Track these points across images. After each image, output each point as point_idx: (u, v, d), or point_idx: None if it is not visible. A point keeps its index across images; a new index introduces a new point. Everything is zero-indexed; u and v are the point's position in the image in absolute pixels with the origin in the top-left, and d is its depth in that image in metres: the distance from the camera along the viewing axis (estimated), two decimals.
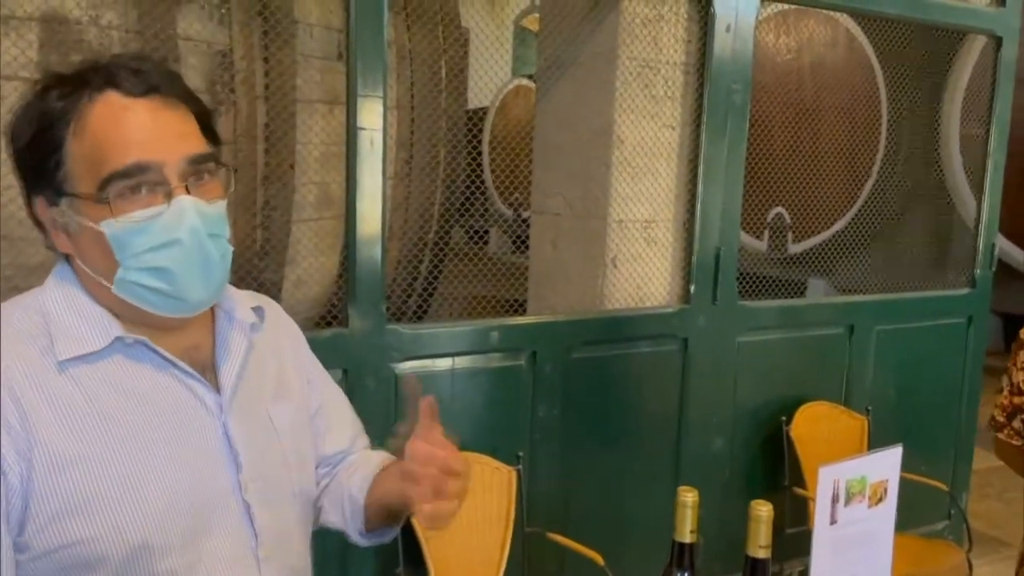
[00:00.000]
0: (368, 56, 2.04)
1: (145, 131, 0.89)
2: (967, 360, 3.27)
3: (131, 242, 0.90)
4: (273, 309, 1.14)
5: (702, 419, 2.71)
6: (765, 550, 1.06)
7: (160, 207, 0.90)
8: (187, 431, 0.96)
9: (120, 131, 0.89)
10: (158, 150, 0.89)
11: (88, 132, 0.89)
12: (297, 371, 1.14)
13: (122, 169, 0.88)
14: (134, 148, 0.88)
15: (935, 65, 3.43)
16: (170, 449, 0.94)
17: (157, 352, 0.95)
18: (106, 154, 0.88)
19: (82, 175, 0.89)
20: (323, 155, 2.25)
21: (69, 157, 0.89)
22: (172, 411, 0.95)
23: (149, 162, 0.89)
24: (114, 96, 0.90)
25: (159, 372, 0.96)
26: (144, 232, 0.89)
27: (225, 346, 1.03)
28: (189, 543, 0.93)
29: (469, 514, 2.25)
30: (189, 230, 0.90)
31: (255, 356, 1.06)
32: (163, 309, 0.94)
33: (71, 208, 0.91)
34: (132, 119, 0.89)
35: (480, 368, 2.34)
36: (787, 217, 5.71)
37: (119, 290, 0.93)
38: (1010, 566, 3.32)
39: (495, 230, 6.71)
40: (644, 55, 2.56)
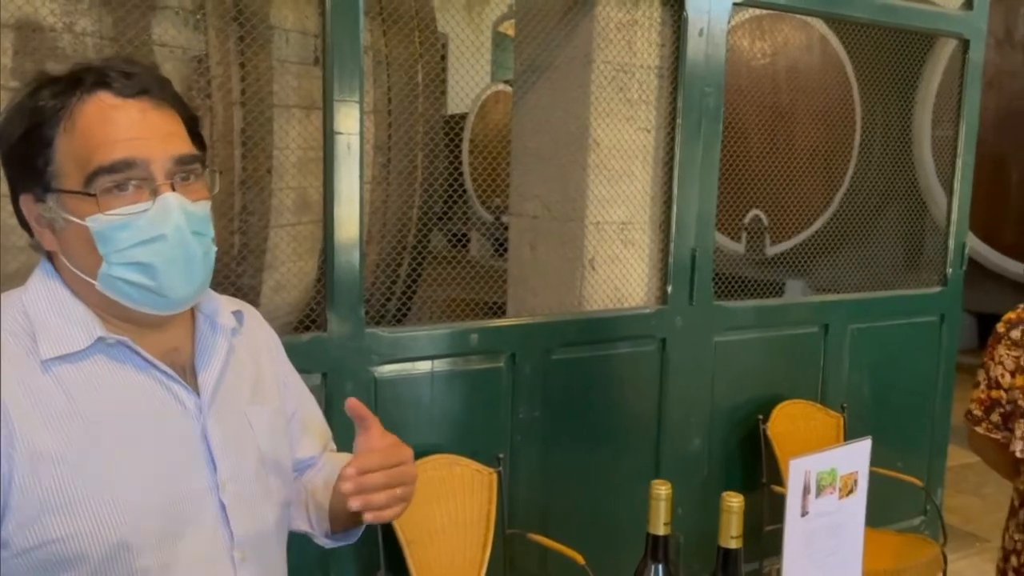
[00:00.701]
0: (344, 61, 2.06)
1: (134, 129, 0.91)
2: (940, 357, 3.33)
3: (115, 237, 0.91)
4: (251, 314, 1.15)
5: (681, 418, 2.73)
6: (737, 540, 1.08)
7: (146, 203, 0.91)
8: (166, 432, 0.97)
9: (109, 128, 0.90)
10: (146, 148, 0.91)
11: (78, 129, 0.90)
12: (274, 375, 1.16)
13: (109, 164, 0.89)
14: (122, 145, 0.90)
15: (907, 69, 3.49)
16: (149, 449, 0.95)
17: (138, 353, 0.96)
18: (94, 150, 0.90)
19: (70, 171, 0.91)
20: (300, 160, 2.26)
21: (58, 153, 0.91)
22: (152, 412, 0.96)
23: (136, 158, 0.90)
24: (106, 96, 0.91)
25: (140, 373, 0.96)
26: (129, 227, 0.91)
27: (205, 349, 1.04)
28: (166, 542, 0.94)
29: (450, 516, 2.26)
30: (174, 226, 0.92)
31: (234, 359, 1.07)
32: (145, 305, 0.95)
33: (57, 204, 0.92)
34: (122, 117, 0.91)
35: (460, 371, 2.35)
36: (764, 219, 5.77)
37: (103, 285, 0.94)
38: (985, 559, 3.38)
39: (476, 234, 6.72)
40: (619, 59, 2.59)
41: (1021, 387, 1.69)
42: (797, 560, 1.23)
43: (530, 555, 2.47)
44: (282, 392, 1.16)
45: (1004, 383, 1.71)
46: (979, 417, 1.77)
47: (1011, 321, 1.74)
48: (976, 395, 1.79)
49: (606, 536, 2.55)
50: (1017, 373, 1.69)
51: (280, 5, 2.20)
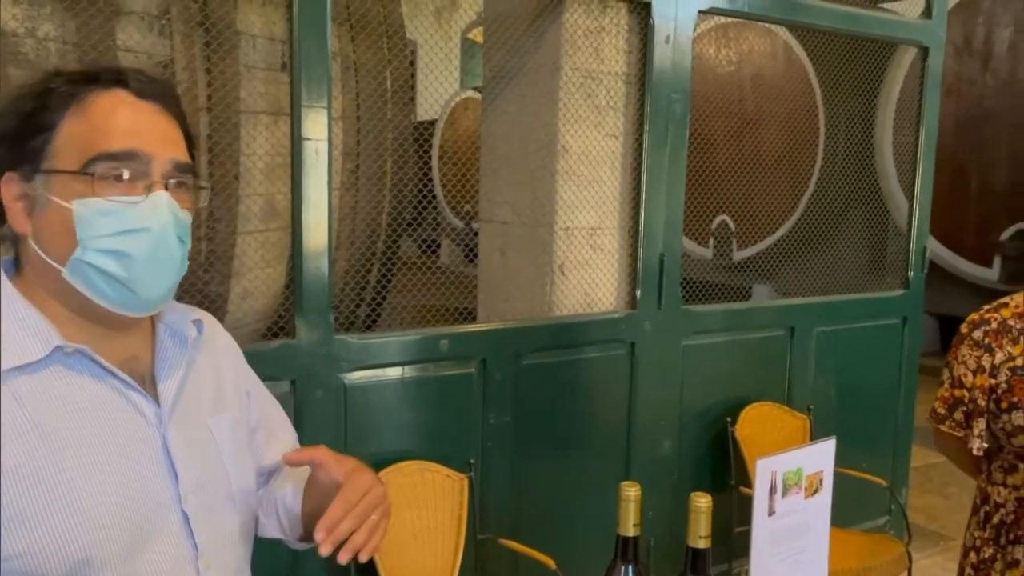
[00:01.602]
0: (312, 67, 2.05)
1: (143, 126, 0.94)
2: (903, 359, 3.39)
3: (97, 223, 0.91)
4: (211, 322, 1.14)
5: (650, 422, 2.75)
6: (705, 540, 1.09)
7: (138, 197, 0.93)
8: (126, 443, 0.95)
9: (120, 120, 0.93)
10: (150, 145, 0.94)
11: (88, 114, 0.93)
12: (235, 384, 1.15)
13: (113, 151, 0.92)
14: (130, 137, 0.93)
15: (869, 76, 3.56)
16: (109, 461, 0.93)
17: (97, 362, 0.95)
18: (100, 136, 0.92)
19: (69, 152, 0.92)
20: (268, 166, 2.24)
21: (60, 134, 0.93)
22: (111, 423, 0.95)
23: (140, 151, 0.93)
24: (121, 92, 0.95)
25: (98, 383, 0.95)
26: (115, 215, 0.92)
27: (165, 358, 1.03)
28: (129, 556, 0.93)
29: (421, 522, 2.25)
30: (160, 223, 0.94)
31: (195, 369, 1.06)
32: (110, 300, 0.94)
33: (45, 184, 0.93)
34: (133, 113, 0.94)
35: (430, 376, 2.35)
36: (731, 225, 5.84)
37: (71, 272, 0.93)
38: (948, 558, 3.44)
39: (446, 241, 6.72)
40: (586, 66, 2.61)
41: (981, 387, 1.73)
42: (765, 560, 1.25)
43: (501, 560, 2.47)
44: (244, 401, 1.16)
45: (967, 382, 1.75)
46: (943, 415, 1.80)
47: (974, 322, 1.79)
48: (940, 394, 1.83)
49: (577, 540, 2.56)
50: (978, 373, 1.73)
51: (247, 11, 2.19)
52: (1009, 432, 1.67)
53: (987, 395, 1.71)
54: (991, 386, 1.71)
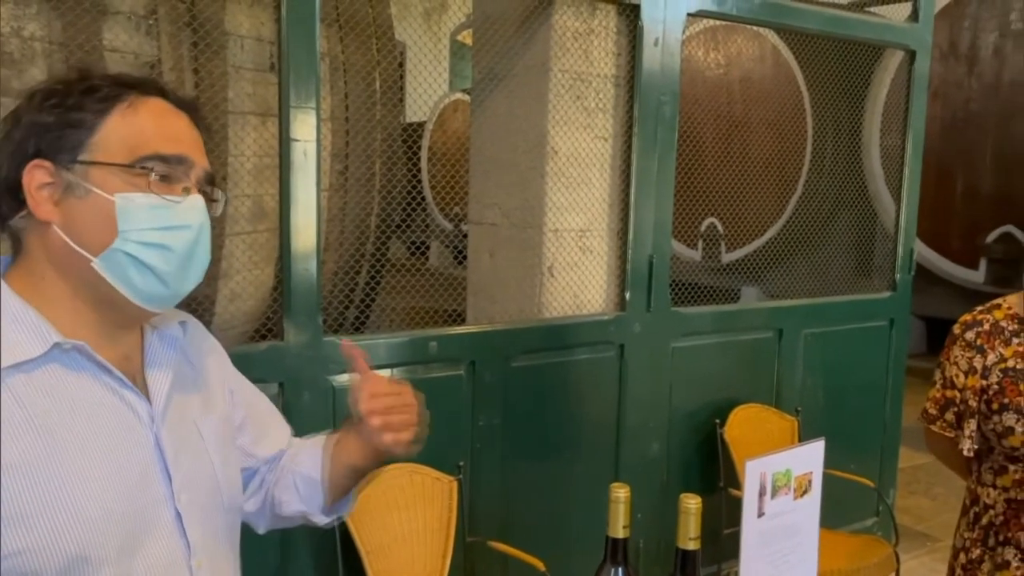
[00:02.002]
0: (301, 68, 2.04)
1: (186, 135, 1.01)
2: (890, 361, 3.41)
3: (141, 216, 0.95)
4: (195, 324, 1.16)
5: (639, 423, 2.76)
6: (695, 542, 1.09)
7: (179, 197, 0.98)
8: (121, 441, 0.96)
9: (170, 126, 1.00)
10: (194, 153, 1.01)
11: (140, 115, 0.98)
12: (220, 384, 1.16)
13: (168, 154, 0.97)
14: (180, 143, 0.99)
15: (856, 80, 3.58)
16: (105, 459, 0.94)
17: (94, 359, 0.95)
18: (150, 138, 0.97)
19: (115, 149, 0.95)
20: (256, 167, 2.23)
21: (107, 128, 0.96)
22: (107, 421, 0.95)
23: (186, 157, 0.99)
24: (163, 102, 1.01)
25: (95, 380, 0.96)
26: (160, 211, 0.96)
27: (155, 358, 1.04)
28: (123, 554, 0.93)
29: (410, 525, 2.24)
30: (200, 222, 0.99)
31: (182, 370, 1.08)
32: (139, 291, 0.96)
33: (82, 175, 0.95)
34: (179, 122, 1.01)
35: (419, 378, 2.34)
36: (720, 227, 5.86)
37: (104, 263, 0.94)
38: (936, 559, 3.46)
39: (435, 243, 6.71)
40: (576, 68, 2.61)
41: (972, 387, 1.73)
42: (754, 561, 1.25)
43: (490, 563, 2.46)
44: (228, 400, 1.17)
45: (958, 383, 1.76)
46: (934, 416, 1.81)
47: (966, 323, 1.80)
48: (932, 394, 1.83)
49: (566, 542, 2.55)
50: (970, 374, 1.74)
51: (235, 11, 2.18)
52: (1000, 433, 1.68)
53: (978, 396, 1.72)
54: (982, 387, 1.72)
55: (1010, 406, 1.67)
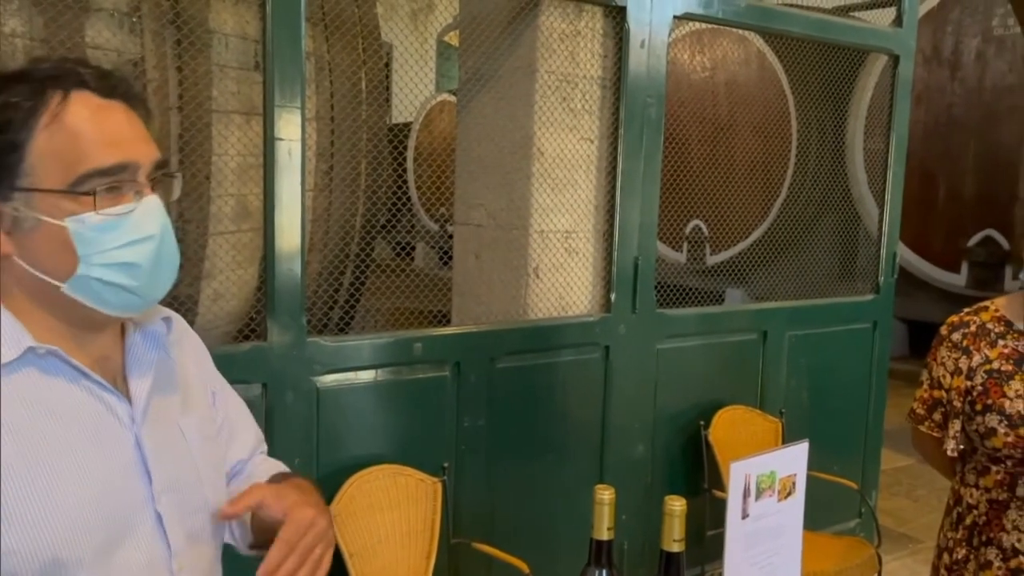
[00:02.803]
0: (285, 66, 2.03)
1: (123, 132, 0.92)
2: (873, 363, 3.43)
3: (99, 239, 0.90)
4: (179, 321, 1.14)
5: (624, 425, 2.76)
6: (679, 544, 1.09)
7: (131, 205, 0.92)
8: (99, 443, 0.94)
9: (100, 130, 0.90)
10: (135, 151, 0.92)
11: (64, 128, 0.89)
12: (202, 383, 1.14)
13: (105, 167, 0.90)
14: (116, 148, 0.91)
15: (840, 84, 3.60)
16: (82, 462, 0.92)
17: (69, 363, 0.94)
18: (85, 151, 0.89)
19: (50, 170, 0.89)
20: (240, 166, 2.21)
21: (34, 152, 0.89)
22: (84, 423, 0.93)
23: (129, 163, 0.91)
24: (89, 95, 0.91)
25: (71, 384, 0.94)
26: (116, 228, 0.91)
27: (137, 358, 1.02)
28: (102, 557, 0.92)
29: (394, 526, 2.23)
30: (160, 226, 0.94)
31: (165, 368, 1.05)
32: (114, 306, 0.94)
33: (27, 204, 0.89)
34: (111, 119, 0.91)
35: (404, 380, 2.33)
36: (705, 229, 5.89)
37: (73, 288, 0.91)
38: (917, 561, 3.48)
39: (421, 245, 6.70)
40: (562, 69, 2.61)
41: (957, 388, 1.75)
42: (738, 562, 1.25)
43: (475, 564, 2.45)
44: (210, 401, 1.15)
45: (945, 384, 1.77)
46: (922, 416, 1.82)
47: (954, 324, 1.81)
48: (919, 394, 1.85)
49: (551, 544, 2.55)
50: (955, 375, 1.75)
51: (219, 9, 2.17)
52: (983, 434, 1.69)
53: (963, 397, 1.73)
54: (967, 388, 1.73)
55: (993, 407, 1.68)
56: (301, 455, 2.16)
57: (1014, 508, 1.68)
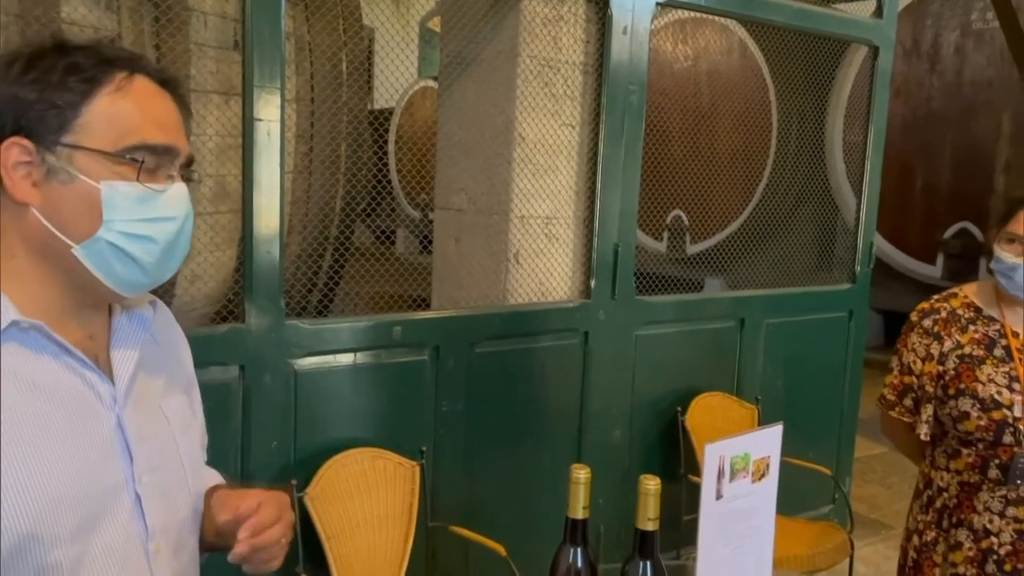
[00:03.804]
0: (265, 46, 2.01)
1: (171, 119, 0.97)
2: (849, 351, 3.47)
3: (127, 207, 0.93)
4: (164, 308, 1.14)
5: (602, 411, 2.77)
6: (654, 523, 1.10)
7: (163, 186, 0.96)
8: (80, 421, 0.94)
9: (158, 111, 0.95)
10: (179, 140, 0.97)
11: (128, 99, 0.93)
12: (183, 371, 1.15)
13: (158, 145, 0.94)
14: (167, 131, 0.96)
15: (821, 75, 3.62)
16: (62, 439, 0.92)
17: (53, 339, 0.93)
18: (141, 125, 0.93)
19: (102, 133, 0.92)
20: (219, 147, 2.20)
21: (93, 110, 0.92)
22: (66, 401, 0.93)
23: (174, 147, 0.96)
24: (149, 81, 0.96)
25: (54, 361, 0.93)
26: (146, 202, 0.94)
27: (122, 337, 1.02)
28: (78, 535, 0.91)
29: (372, 510, 2.23)
30: (185, 212, 0.98)
31: (150, 350, 1.05)
32: (119, 279, 0.95)
33: (67, 159, 0.91)
34: (165, 105, 0.97)
35: (383, 363, 2.33)
36: (685, 219, 5.91)
37: (86, 251, 0.92)
38: (889, 546, 3.53)
39: (402, 231, 6.68)
40: (544, 54, 2.61)
41: (929, 373, 1.77)
42: (712, 542, 1.26)
43: (452, 548, 2.46)
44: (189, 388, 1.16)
45: (916, 369, 1.80)
46: (893, 402, 1.85)
47: (924, 311, 1.84)
48: (890, 380, 1.87)
49: (528, 527, 2.56)
50: (927, 360, 1.78)
51: None
52: (955, 418, 1.72)
53: (935, 382, 1.76)
54: (939, 373, 1.76)
55: (966, 391, 1.71)
56: (279, 438, 2.15)
57: (985, 490, 1.71)
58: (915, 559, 1.85)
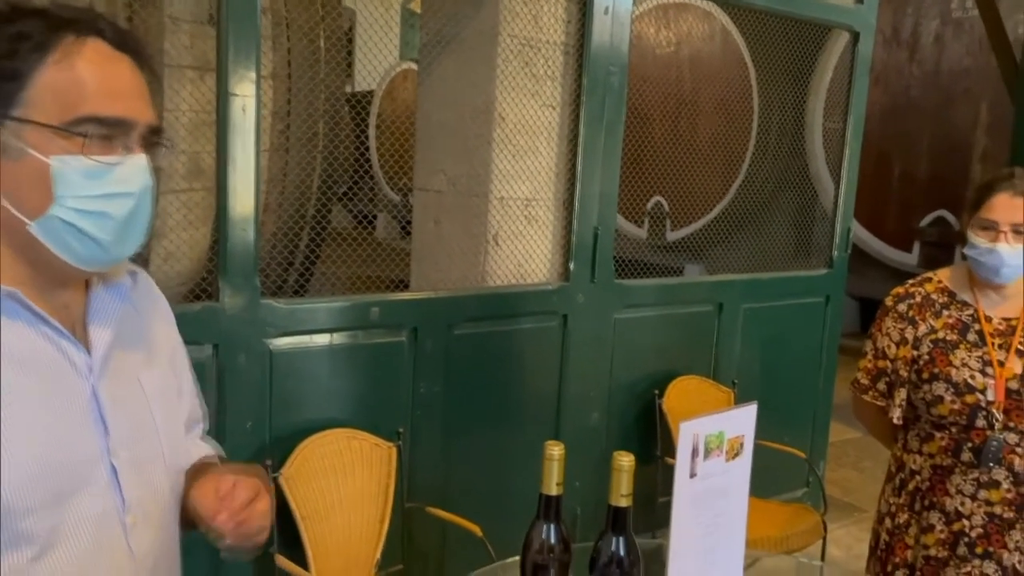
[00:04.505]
0: (241, 21, 1.98)
1: (129, 88, 0.92)
2: (825, 336, 3.49)
3: (79, 182, 0.89)
4: (145, 278, 1.13)
5: (580, 393, 2.78)
6: (627, 499, 1.10)
7: (118, 158, 0.92)
8: (55, 391, 0.93)
9: (109, 79, 0.91)
10: (136, 110, 0.92)
11: (73, 68, 0.89)
12: (167, 341, 1.13)
13: (106, 116, 0.90)
14: (120, 101, 0.91)
15: (802, 62, 3.63)
16: (37, 409, 0.90)
17: (29, 308, 0.92)
18: (87, 95, 0.89)
19: (49, 105, 0.88)
20: (193, 123, 2.16)
21: (37, 84, 0.88)
22: (41, 370, 0.92)
23: (129, 119, 0.92)
24: (102, 44, 0.91)
25: (29, 329, 0.92)
26: (97, 176, 0.90)
27: (99, 308, 1.00)
28: (53, 506, 0.91)
29: (348, 490, 2.22)
30: (141, 186, 0.93)
31: (128, 322, 1.04)
32: (78, 256, 0.92)
33: (14, 133, 0.89)
34: (119, 72, 0.92)
35: (360, 344, 2.32)
36: (666, 205, 5.92)
37: (40, 228, 0.90)
38: (862, 528, 3.58)
39: (383, 215, 6.64)
40: (525, 34, 2.58)
41: (903, 358, 1.78)
42: (686, 521, 1.27)
43: (428, 528, 2.46)
44: (173, 361, 1.14)
45: (890, 354, 1.81)
46: (866, 386, 1.86)
47: (899, 295, 1.85)
48: (864, 364, 1.88)
49: (504, 508, 2.56)
50: (901, 344, 1.79)
51: None
52: (929, 402, 1.73)
53: (909, 366, 1.77)
54: (913, 357, 1.77)
55: (940, 376, 1.72)
56: (253, 418, 2.13)
57: (958, 473, 1.73)
58: (887, 541, 1.87)
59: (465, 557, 2.13)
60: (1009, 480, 1.69)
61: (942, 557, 1.75)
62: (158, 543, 1.03)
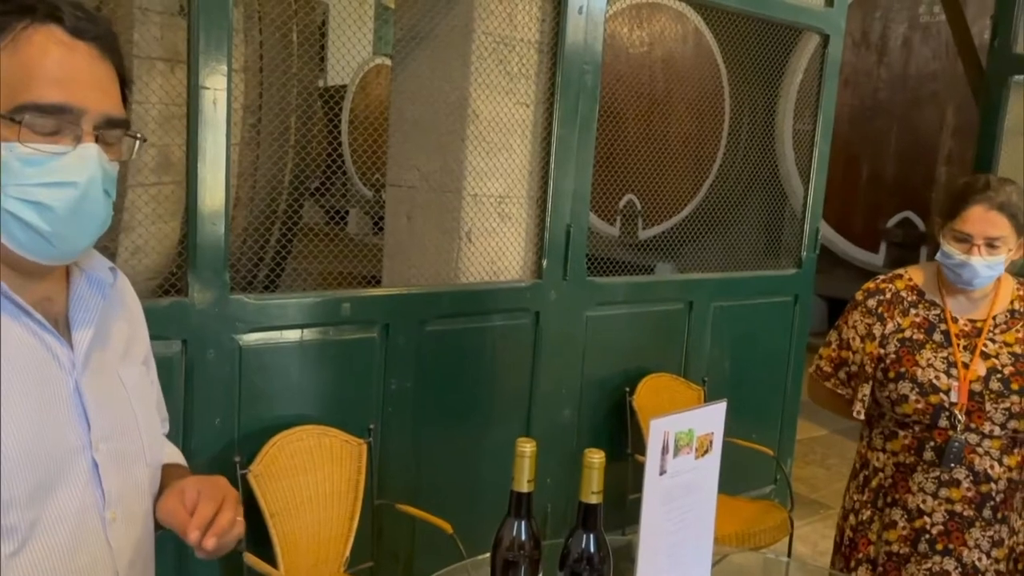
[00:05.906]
0: (212, 12, 1.95)
1: (77, 74, 0.89)
2: (793, 335, 3.54)
3: (21, 171, 0.87)
4: (124, 278, 1.12)
5: (552, 390, 2.78)
6: (597, 496, 1.11)
7: (66, 147, 0.89)
8: (37, 384, 0.92)
9: (53, 66, 0.88)
10: (83, 97, 0.89)
11: (20, 54, 0.87)
12: (141, 344, 1.13)
13: (43, 103, 0.87)
14: (62, 88, 0.88)
15: (772, 64, 3.67)
16: (18, 401, 0.90)
17: (12, 300, 0.91)
18: (31, 82, 0.87)
19: None
20: (162, 116, 2.13)
21: None
22: (23, 363, 0.91)
23: (71, 106, 0.88)
24: (57, 30, 0.88)
25: (13, 321, 0.91)
26: (40, 165, 0.88)
27: (81, 302, 0.99)
28: (33, 499, 0.90)
29: (317, 487, 2.21)
30: (88, 178, 0.90)
31: (108, 317, 1.03)
32: (26, 248, 0.90)
33: None
34: (68, 58, 0.88)
35: (331, 340, 2.30)
36: (638, 204, 5.95)
37: None
38: (827, 525, 3.63)
39: (355, 211, 6.59)
40: (499, 31, 2.58)
41: (869, 353, 1.81)
42: (655, 517, 1.28)
43: (399, 525, 2.46)
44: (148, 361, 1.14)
45: (854, 346, 1.84)
46: (828, 373, 1.90)
47: (869, 291, 1.87)
48: (827, 353, 1.92)
49: (475, 506, 2.57)
50: (867, 339, 1.82)
51: None
52: (894, 400, 1.76)
53: (875, 363, 1.80)
54: (880, 355, 1.80)
55: (906, 375, 1.75)
56: (222, 414, 2.11)
57: (920, 471, 1.76)
58: (851, 537, 1.90)
59: (435, 554, 2.13)
60: (969, 480, 1.73)
61: (904, 553, 1.79)
62: (135, 538, 1.03)
